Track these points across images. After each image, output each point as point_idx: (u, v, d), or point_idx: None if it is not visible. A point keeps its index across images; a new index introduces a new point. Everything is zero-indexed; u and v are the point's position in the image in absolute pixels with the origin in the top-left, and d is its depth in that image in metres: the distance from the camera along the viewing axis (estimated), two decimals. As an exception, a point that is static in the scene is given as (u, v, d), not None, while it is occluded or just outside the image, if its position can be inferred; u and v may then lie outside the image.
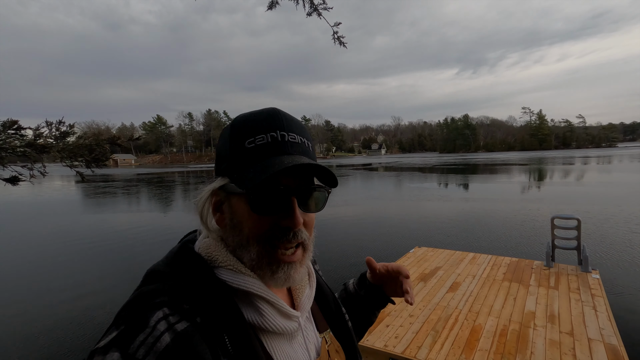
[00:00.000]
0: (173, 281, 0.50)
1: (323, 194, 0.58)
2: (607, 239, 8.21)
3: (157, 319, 0.45)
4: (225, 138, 0.57)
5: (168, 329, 0.44)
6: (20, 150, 2.68)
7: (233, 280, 0.53)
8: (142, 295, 0.48)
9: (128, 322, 0.45)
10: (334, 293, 0.76)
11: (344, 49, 3.62)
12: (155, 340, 0.43)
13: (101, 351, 0.42)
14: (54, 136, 2.80)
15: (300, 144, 0.56)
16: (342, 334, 0.70)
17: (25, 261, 8.15)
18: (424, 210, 13.07)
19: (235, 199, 0.54)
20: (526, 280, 4.47)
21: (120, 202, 18.62)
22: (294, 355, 0.57)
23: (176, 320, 0.46)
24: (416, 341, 3.13)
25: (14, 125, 2.66)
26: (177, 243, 0.60)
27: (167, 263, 0.54)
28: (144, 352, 0.42)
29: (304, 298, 0.63)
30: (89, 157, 2.93)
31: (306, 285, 0.65)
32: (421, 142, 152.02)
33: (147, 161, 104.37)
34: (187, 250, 0.56)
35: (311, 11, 3.18)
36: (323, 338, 0.65)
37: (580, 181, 21.61)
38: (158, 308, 0.46)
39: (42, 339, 4.44)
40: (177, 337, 0.44)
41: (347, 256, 7.51)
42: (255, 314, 0.53)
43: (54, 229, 11.91)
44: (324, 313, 0.70)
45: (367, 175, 33.18)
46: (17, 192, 26.21)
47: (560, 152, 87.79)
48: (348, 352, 0.69)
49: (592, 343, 3.01)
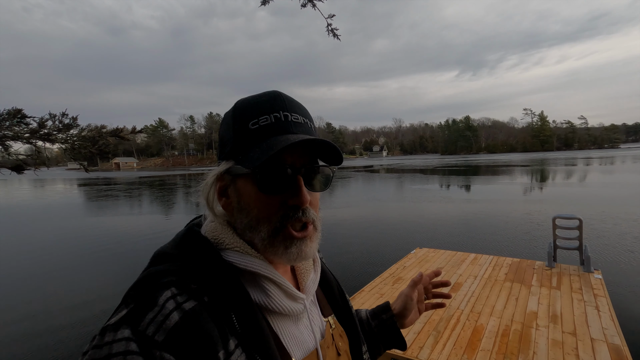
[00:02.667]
0: (181, 262, 0.51)
1: (327, 173, 0.59)
2: (609, 239, 8.17)
3: (165, 297, 0.46)
4: (227, 122, 0.57)
5: (176, 307, 0.45)
6: (24, 137, 2.71)
7: (240, 261, 0.54)
8: (151, 275, 0.49)
9: (137, 300, 0.46)
10: (338, 280, 0.77)
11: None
12: (164, 318, 0.44)
13: (112, 328, 0.43)
14: (57, 128, 2.82)
15: (303, 124, 0.56)
16: (345, 319, 0.71)
17: (31, 264, 8.18)
18: (425, 212, 13.04)
19: (242, 181, 0.54)
20: (528, 281, 4.45)
21: (122, 205, 18.68)
22: (300, 337, 0.58)
23: (184, 299, 0.46)
24: (418, 341, 3.12)
25: (18, 114, 2.70)
26: (184, 227, 0.61)
27: (174, 245, 0.55)
28: (154, 329, 0.43)
29: (309, 282, 0.64)
30: (92, 148, 2.95)
31: (311, 270, 0.66)
32: (422, 143, 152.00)
33: (149, 164, 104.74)
34: (193, 233, 0.57)
35: (305, 2, 3.18)
36: (327, 322, 0.66)
37: (583, 182, 21.51)
38: (166, 287, 0.47)
39: (50, 340, 4.45)
40: (186, 316, 0.45)
41: (349, 258, 7.50)
42: (262, 294, 0.54)
43: (58, 231, 11.95)
44: (328, 298, 0.71)
45: (369, 177, 33.15)
46: (21, 195, 26.34)
47: (563, 153, 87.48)
48: (351, 336, 0.70)
49: (595, 343, 2.99)
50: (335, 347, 0.64)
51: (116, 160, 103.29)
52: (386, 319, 0.85)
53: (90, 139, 2.95)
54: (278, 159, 0.52)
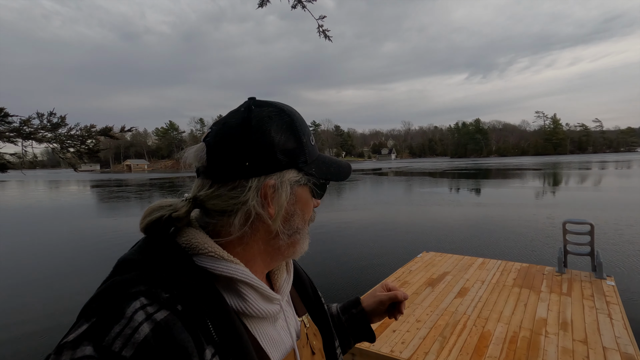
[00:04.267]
0: (150, 269, 0.47)
1: None
2: (623, 245, 7.95)
3: (134, 309, 0.42)
4: (285, 128, 0.55)
5: (147, 318, 0.41)
6: (6, 136, 2.70)
7: (214, 266, 0.51)
8: (116, 285, 0.44)
9: (100, 313, 0.41)
10: (311, 279, 0.77)
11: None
12: (132, 331, 0.40)
13: (70, 345, 0.39)
14: (45, 127, 2.82)
15: None
16: (319, 318, 0.72)
17: (45, 264, 8.38)
18: (433, 215, 12.91)
19: (301, 189, 0.58)
20: (537, 287, 4.36)
21: (133, 206, 18.99)
22: (278, 338, 0.57)
23: (155, 309, 0.42)
24: (423, 347, 3.08)
25: (0, 112, 2.67)
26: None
27: (140, 251, 0.51)
28: (121, 343, 0.39)
29: (282, 282, 0.64)
30: (80, 147, 2.96)
31: (284, 270, 0.66)
32: (432, 146, 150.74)
33: (160, 166, 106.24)
34: (161, 238, 0.54)
35: (295, 3, 3.19)
36: (302, 321, 0.66)
37: (597, 186, 21.00)
38: (135, 298, 0.43)
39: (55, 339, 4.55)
40: (157, 327, 0.41)
41: (355, 260, 7.47)
42: (238, 299, 0.52)
43: (74, 231, 12.21)
44: (301, 297, 0.72)
45: (377, 180, 32.99)
46: (37, 196, 27.00)
47: (576, 157, 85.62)
48: (325, 335, 0.71)
49: (608, 352, 2.90)
50: (310, 346, 0.64)
51: (128, 162, 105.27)
52: (356, 313, 0.87)
53: (79, 138, 2.95)
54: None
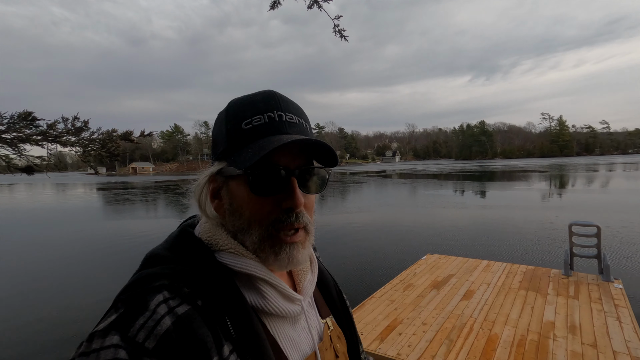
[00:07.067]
0: (173, 265, 0.49)
1: (323, 175, 0.57)
2: (631, 248, 7.82)
3: (157, 302, 0.44)
4: (220, 122, 0.56)
5: (168, 312, 0.44)
6: (34, 140, 2.80)
7: (235, 263, 0.52)
8: (142, 278, 0.47)
9: (127, 305, 0.44)
10: (336, 280, 0.75)
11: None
12: (155, 324, 0.42)
13: (100, 334, 0.42)
14: (69, 131, 2.91)
15: (298, 124, 0.55)
16: (343, 321, 0.70)
17: (49, 265, 8.47)
18: (438, 217, 12.83)
19: (234, 183, 0.53)
20: (544, 289, 4.31)
21: (138, 209, 19.13)
22: (297, 339, 0.56)
23: (177, 303, 0.45)
24: (430, 350, 3.06)
25: (28, 116, 2.78)
26: (177, 228, 0.59)
27: (166, 247, 0.53)
28: (144, 335, 0.41)
29: (306, 283, 0.62)
30: (101, 150, 3.04)
31: (308, 271, 0.64)
32: (436, 148, 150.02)
33: (165, 169, 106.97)
34: (187, 234, 0.55)
35: (311, 3, 3.22)
36: (325, 323, 0.64)
37: (605, 188, 20.75)
38: (158, 291, 0.45)
39: (58, 339, 4.59)
40: (178, 321, 0.43)
41: (359, 262, 7.45)
42: (258, 296, 0.52)
43: (80, 234, 12.33)
44: (326, 299, 0.69)
45: (381, 182, 32.90)
46: (43, 199, 27.32)
47: (583, 159, 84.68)
48: (349, 338, 0.70)
49: (618, 356, 2.87)
50: (334, 349, 0.63)
51: (133, 165, 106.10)
52: None
53: (100, 142, 3.04)
54: (271, 159, 0.50)
